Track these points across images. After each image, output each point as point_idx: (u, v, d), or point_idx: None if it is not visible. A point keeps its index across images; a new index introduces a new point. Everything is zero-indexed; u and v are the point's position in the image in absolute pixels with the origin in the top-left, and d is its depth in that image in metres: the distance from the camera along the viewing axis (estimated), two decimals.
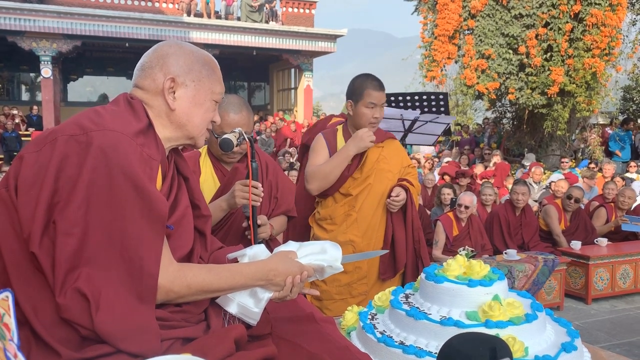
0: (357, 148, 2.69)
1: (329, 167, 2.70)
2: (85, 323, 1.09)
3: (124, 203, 1.14)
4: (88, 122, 1.19)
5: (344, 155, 2.70)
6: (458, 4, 11.11)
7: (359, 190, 2.77)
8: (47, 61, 14.94)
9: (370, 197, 2.78)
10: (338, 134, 2.86)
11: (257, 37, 16.60)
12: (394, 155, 2.90)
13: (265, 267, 1.33)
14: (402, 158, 2.96)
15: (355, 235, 2.75)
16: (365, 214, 2.77)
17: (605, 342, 4.06)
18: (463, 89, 11.27)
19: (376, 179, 2.79)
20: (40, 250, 1.11)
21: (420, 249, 2.86)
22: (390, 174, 2.83)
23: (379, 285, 2.81)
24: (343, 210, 2.79)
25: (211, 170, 2.41)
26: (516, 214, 5.68)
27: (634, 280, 5.33)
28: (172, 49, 1.37)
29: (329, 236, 2.76)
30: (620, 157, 11.59)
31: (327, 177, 2.71)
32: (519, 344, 1.47)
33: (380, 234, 2.81)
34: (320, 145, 2.82)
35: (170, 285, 1.19)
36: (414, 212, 2.85)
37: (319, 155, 2.79)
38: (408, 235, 2.84)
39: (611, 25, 10.06)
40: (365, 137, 2.67)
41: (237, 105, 2.27)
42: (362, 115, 2.72)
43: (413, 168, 3.00)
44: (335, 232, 2.77)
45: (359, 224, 2.77)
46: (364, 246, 2.74)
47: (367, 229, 2.78)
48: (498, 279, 1.67)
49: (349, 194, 2.78)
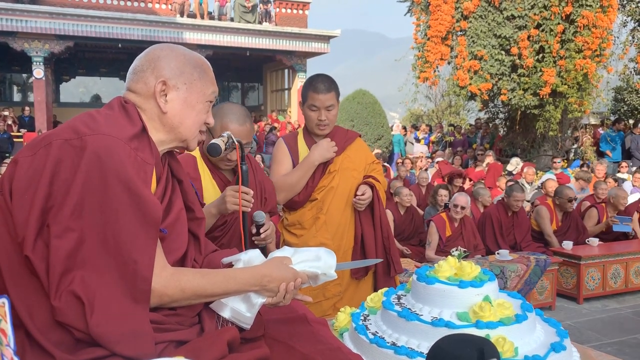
0: (321, 158, 2.70)
1: (295, 178, 2.70)
2: (80, 326, 1.10)
3: (118, 207, 1.14)
4: (82, 126, 1.20)
5: (309, 165, 2.70)
6: (451, 5, 11.15)
7: (324, 193, 2.76)
8: (39, 62, 14.87)
9: (336, 199, 2.77)
10: (299, 137, 2.85)
11: (251, 38, 16.60)
12: (357, 153, 2.88)
13: (260, 273, 1.34)
14: (366, 155, 2.94)
15: (325, 237, 2.73)
16: (333, 215, 2.76)
17: (597, 342, 4.10)
18: (456, 89, 11.31)
19: (341, 180, 2.78)
20: (34, 253, 1.12)
21: (390, 246, 2.84)
22: (354, 172, 2.83)
23: (354, 286, 2.81)
24: (311, 214, 2.77)
25: (209, 177, 2.39)
26: (508, 214, 5.73)
27: (624, 280, 5.39)
28: (164, 51, 1.37)
29: (299, 241, 2.73)
30: (611, 157, 11.69)
31: (293, 188, 2.71)
32: (509, 344, 1.48)
33: (350, 233, 2.81)
34: (282, 153, 2.80)
35: (164, 290, 1.20)
36: (382, 209, 2.84)
37: (282, 164, 2.78)
38: (377, 233, 2.82)
39: (602, 27, 10.13)
40: (329, 148, 2.69)
41: (242, 116, 2.28)
42: (308, 118, 2.74)
43: (378, 164, 2.99)
44: (305, 236, 2.74)
45: (328, 226, 2.75)
46: (335, 247, 2.71)
47: (336, 230, 2.76)
48: (488, 280, 1.69)
49: (315, 198, 2.76)
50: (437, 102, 22.27)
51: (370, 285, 2.88)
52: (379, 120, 14.20)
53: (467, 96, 11.42)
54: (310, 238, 2.72)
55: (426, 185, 8.01)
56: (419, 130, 15.91)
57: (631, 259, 5.40)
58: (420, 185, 8.01)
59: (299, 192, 2.73)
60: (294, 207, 2.80)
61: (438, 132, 15.21)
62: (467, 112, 14.51)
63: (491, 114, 13.26)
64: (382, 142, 14.03)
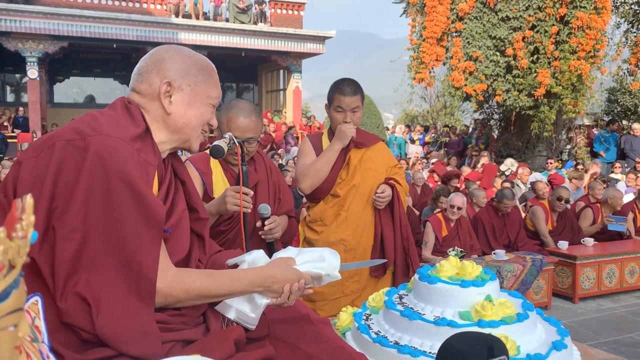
0: (340, 142, 2.80)
1: (319, 164, 2.80)
2: (87, 327, 1.10)
3: (121, 208, 1.14)
4: (85, 127, 1.20)
5: (331, 151, 2.81)
6: (446, 6, 11.19)
7: (346, 190, 2.85)
8: (33, 62, 14.78)
9: (357, 197, 2.86)
10: (323, 137, 2.98)
11: (246, 39, 16.58)
12: (378, 155, 2.98)
13: (264, 274, 1.34)
14: (388, 158, 3.05)
15: (346, 234, 2.81)
16: (354, 212, 2.84)
17: (592, 341, 4.13)
18: (451, 90, 11.35)
19: (362, 179, 2.87)
20: (40, 255, 1.12)
21: (409, 247, 2.91)
22: (376, 172, 2.92)
23: (373, 284, 2.86)
24: (333, 210, 2.86)
25: (221, 173, 2.46)
26: (499, 215, 5.77)
27: (619, 280, 5.43)
28: (169, 53, 1.38)
29: (320, 237, 2.82)
30: (604, 158, 11.76)
31: (317, 174, 2.79)
32: (511, 342, 1.50)
33: (370, 231, 2.88)
34: (308, 148, 2.93)
35: (169, 290, 1.20)
36: (401, 210, 2.91)
37: (307, 156, 2.89)
38: (396, 233, 2.89)
39: (596, 28, 10.20)
40: (346, 130, 2.78)
41: (247, 110, 2.33)
42: (333, 119, 2.86)
43: (400, 169, 3.07)
44: (326, 232, 2.83)
45: (348, 223, 2.83)
46: (355, 244, 2.82)
47: (356, 227, 2.84)
48: (490, 280, 1.71)
49: (337, 194, 2.85)
50: (432, 102, 22.34)
51: (389, 283, 2.93)
52: (375, 121, 14.22)
53: (462, 97, 11.47)
54: (331, 234, 2.81)
55: (421, 186, 8.03)
56: (414, 131, 15.96)
57: (626, 259, 5.45)
58: (415, 186, 8.02)
59: (323, 180, 2.82)
60: (319, 197, 2.89)
61: (433, 132, 15.26)
62: (462, 112, 14.56)
63: (486, 114, 13.32)
64: None
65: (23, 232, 0.64)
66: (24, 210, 0.65)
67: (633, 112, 15.51)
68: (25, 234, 0.64)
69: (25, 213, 0.65)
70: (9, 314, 0.64)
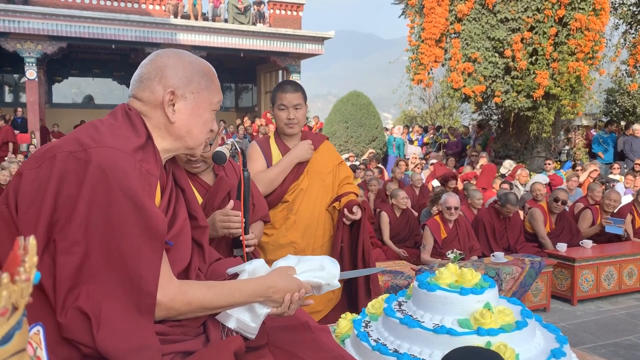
0: (300, 157, 2.88)
1: (274, 174, 2.85)
2: (87, 341, 1.09)
3: (123, 221, 1.14)
4: (86, 139, 1.19)
5: (288, 163, 2.87)
6: (445, 7, 11.19)
7: (294, 195, 2.91)
8: (31, 63, 14.74)
9: (306, 200, 2.93)
10: (271, 141, 3.01)
11: (245, 39, 16.57)
12: (324, 155, 3.06)
13: (265, 284, 1.34)
14: (333, 157, 3.13)
15: (295, 236, 2.88)
16: (302, 216, 2.91)
17: (591, 343, 4.14)
18: (450, 92, 11.36)
19: (310, 182, 2.95)
20: (41, 269, 1.11)
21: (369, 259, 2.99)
22: (322, 174, 3.00)
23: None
24: (282, 214, 2.91)
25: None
26: (500, 218, 5.76)
27: (618, 282, 5.44)
28: (171, 59, 1.35)
29: (270, 240, 2.87)
30: (603, 159, 11.78)
31: (271, 183, 2.85)
32: (510, 351, 1.50)
33: (319, 232, 2.96)
34: (256, 153, 2.95)
35: (171, 303, 1.20)
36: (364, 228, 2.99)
37: (256, 163, 2.92)
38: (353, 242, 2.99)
39: (595, 30, 10.21)
40: (308, 149, 2.89)
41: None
42: (277, 118, 2.92)
43: (346, 168, 3.17)
44: (276, 235, 2.88)
45: (297, 226, 2.90)
46: (305, 246, 2.88)
47: (306, 229, 2.91)
48: (489, 287, 1.71)
49: (286, 200, 2.92)
50: (430, 103, 22.34)
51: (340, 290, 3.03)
52: (373, 122, 14.23)
53: (461, 98, 11.47)
54: (281, 237, 2.87)
55: (420, 187, 8.03)
56: (412, 131, 15.96)
57: (624, 261, 5.45)
58: (414, 187, 8.03)
59: (273, 191, 2.87)
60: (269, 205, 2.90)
61: (432, 133, 15.26)
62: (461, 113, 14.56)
63: (485, 115, 13.33)
64: (377, 144, 14.06)
65: (26, 274, 0.63)
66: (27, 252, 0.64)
67: (631, 113, 15.53)
68: (29, 277, 0.63)
69: (28, 255, 0.64)
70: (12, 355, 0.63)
